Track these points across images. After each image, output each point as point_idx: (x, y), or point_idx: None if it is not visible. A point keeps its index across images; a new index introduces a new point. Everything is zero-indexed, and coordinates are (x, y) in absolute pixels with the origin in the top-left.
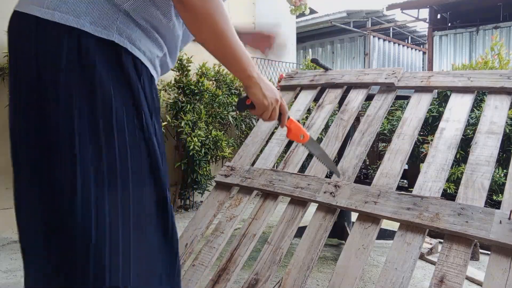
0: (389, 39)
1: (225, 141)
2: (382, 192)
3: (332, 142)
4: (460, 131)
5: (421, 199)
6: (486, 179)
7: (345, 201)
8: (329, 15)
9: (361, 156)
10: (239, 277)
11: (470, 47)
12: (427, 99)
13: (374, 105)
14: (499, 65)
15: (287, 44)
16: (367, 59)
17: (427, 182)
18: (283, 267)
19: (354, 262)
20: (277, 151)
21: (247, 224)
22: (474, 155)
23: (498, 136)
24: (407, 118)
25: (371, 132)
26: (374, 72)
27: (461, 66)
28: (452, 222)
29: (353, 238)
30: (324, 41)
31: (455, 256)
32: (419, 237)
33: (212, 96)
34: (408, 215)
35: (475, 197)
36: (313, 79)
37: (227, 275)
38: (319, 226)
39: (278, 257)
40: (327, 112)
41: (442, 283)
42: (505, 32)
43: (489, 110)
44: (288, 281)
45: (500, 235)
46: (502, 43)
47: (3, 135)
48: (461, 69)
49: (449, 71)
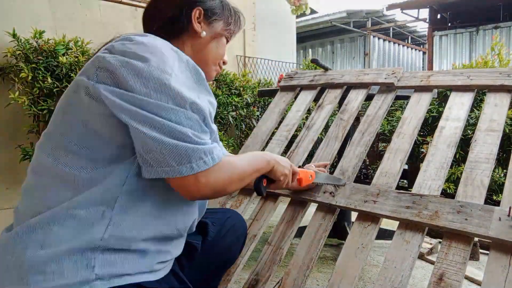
0: (389, 39)
1: (225, 141)
2: (381, 191)
3: (332, 142)
4: (459, 129)
5: (420, 197)
6: (486, 176)
7: (345, 201)
8: (329, 15)
9: (361, 156)
10: (239, 277)
11: (470, 47)
12: (426, 98)
13: (374, 105)
14: (499, 65)
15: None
16: (367, 59)
17: (426, 181)
18: (283, 267)
19: (353, 261)
20: (278, 151)
21: (248, 225)
22: (473, 152)
23: (498, 133)
24: (407, 117)
25: (371, 132)
26: (374, 72)
27: (461, 67)
28: (451, 220)
29: (352, 237)
30: (324, 41)
31: (455, 253)
32: (419, 236)
33: None
34: (407, 214)
35: (474, 195)
36: (312, 79)
37: (228, 276)
38: (319, 226)
39: (278, 257)
40: (327, 112)
41: (441, 281)
42: (505, 32)
43: (489, 108)
44: (288, 281)
45: (500, 232)
46: (503, 43)
47: (3, 135)
48: (461, 69)
49: (449, 70)
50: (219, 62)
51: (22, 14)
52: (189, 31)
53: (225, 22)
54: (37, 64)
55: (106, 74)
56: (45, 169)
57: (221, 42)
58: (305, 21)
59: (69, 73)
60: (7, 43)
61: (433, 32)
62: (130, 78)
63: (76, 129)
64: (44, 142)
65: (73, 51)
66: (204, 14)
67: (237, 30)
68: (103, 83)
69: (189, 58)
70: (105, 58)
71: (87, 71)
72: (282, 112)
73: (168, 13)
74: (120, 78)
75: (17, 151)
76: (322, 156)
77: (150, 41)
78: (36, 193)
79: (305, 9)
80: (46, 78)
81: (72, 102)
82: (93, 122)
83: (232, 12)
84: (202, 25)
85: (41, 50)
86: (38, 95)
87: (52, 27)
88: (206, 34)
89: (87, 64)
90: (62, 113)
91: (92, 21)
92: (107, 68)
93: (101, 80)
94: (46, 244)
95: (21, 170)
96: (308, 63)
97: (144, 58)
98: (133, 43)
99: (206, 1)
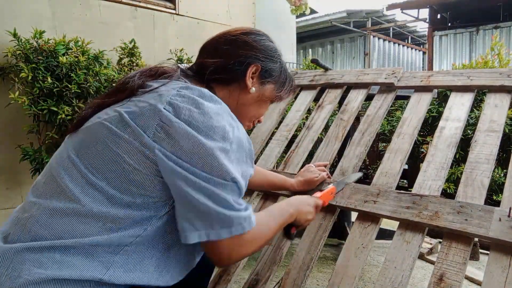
0: (389, 39)
1: None
2: (381, 191)
3: (332, 142)
4: (460, 129)
5: (421, 197)
6: (486, 177)
7: (345, 201)
8: (329, 15)
9: (361, 156)
10: (239, 277)
11: (470, 47)
12: (427, 98)
13: (374, 105)
14: (499, 65)
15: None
16: (367, 59)
17: (426, 181)
18: (283, 267)
19: (353, 261)
20: (278, 151)
21: None
22: (473, 153)
23: (498, 134)
24: (407, 117)
25: (371, 132)
26: (374, 72)
27: (461, 66)
28: (452, 220)
29: (352, 237)
30: (324, 41)
31: (455, 254)
32: (419, 236)
33: None
34: (408, 214)
35: (474, 195)
36: (313, 79)
37: (228, 276)
38: (319, 226)
39: (278, 257)
40: (327, 112)
41: (442, 281)
42: (505, 32)
43: (489, 108)
44: (288, 281)
45: (500, 232)
46: (502, 43)
47: (4, 135)
48: (461, 69)
49: (449, 70)
50: (255, 120)
51: (22, 14)
52: (240, 84)
53: (277, 86)
54: (37, 64)
55: (166, 138)
56: (66, 197)
57: (265, 104)
58: (305, 21)
59: (69, 73)
60: (7, 43)
61: (433, 32)
62: (190, 151)
63: (114, 170)
64: (71, 168)
65: (73, 51)
66: (260, 72)
67: (285, 97)
68: (161, 145)
69: (248, 137)
70: (172, 123)
71: (145, 122)
72: (282, 112)
73: (228, 60)
74: (180, 147)
75: (17, 151)
76: (322, 156)
77: (215, 114)
78: (45, 216)
79: (305, 9)
80: (46, 78)
81: (116, 141)
82: (134, 173)
83: (287, 79)
84: (254, 81)
85: (41, 50)
86: (38, 95)
87: (52, 27)
88: (255, 91)
89: (144, 110)
90: (100, 144)
91: (92, 21)
92: (170, 134)
93: (159, 141)
94: (44, 267)
95: (21, 170)
96: (308, 63)
97: (209, 135)
98: (199, 112)
99: (267, 62)
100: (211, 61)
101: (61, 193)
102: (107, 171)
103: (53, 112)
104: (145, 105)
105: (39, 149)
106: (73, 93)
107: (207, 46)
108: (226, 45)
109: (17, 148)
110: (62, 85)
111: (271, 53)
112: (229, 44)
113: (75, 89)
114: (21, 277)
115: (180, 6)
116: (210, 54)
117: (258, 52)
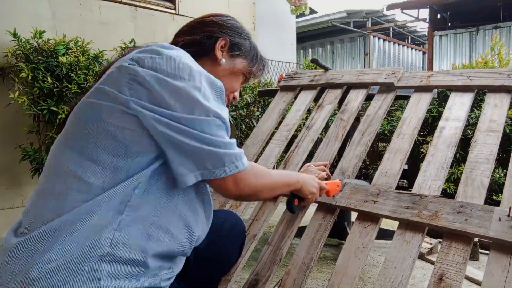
0: (389, 39)
1: None
2: (381, 191)
3: (332, 142)
4: (459, 129)
5: (420, 197)
6: (486, 176)
7: (345, 201)
8: (329, 15)
9: (361, 156)
10: (239, 277)
11: (470, 47)
12: (426, 98)
13: (374, 105)
14: (499, 65)
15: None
16: (367, 59)
17: (426, 181)
18: (283, 267)
19: (353, 261)
20: (278, 151)
21: (248, 225)
22: (473, 153)
23: (498, 134)
24: (407, 117)
25: (371, 132)
26: (373, 72)
27: (461, 66)
28: (451, 220)
29: (352, 238)
30: (324, 41)
31: (455, 254)
32: (419, 236)
33: None
34: (407, 214)
35: (474, 195)
36: (312, 79)
37: (228, 276)
38: (319, 226)
39: (278, 257)
40: (327, 112)
41: (441, 281)
42: (505, 32)
43: (489, 108)
44: (288, 281)
45: (500, 232)
46: (502, 43)
47: (4, 135)
48: (461, 69)
49: (449, 70)
50: (229, 94)
51: (22, 14)
52: (211, 56)
53: (248, 62)
54: (37, 64)
55: (140, 90)
56: (64, 174)
57: (238, 78)
58: (305, 21)
59: (69, 73)
60: (7, 43)
61: (433, 32)
62: (166, 96)
63: (102, 137)
64: (63, 147)
65: (73, 51)
66: (230, 46)
67: (258, 74)
68: (138, 98)
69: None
70: (138, 72)
71: (116, 82)
72: (282, 112)
73: (199, 34)
74: (155, 95)
75: (17, 151)
76: (322, 156)
77: (177, 56)
78: (50, 199)
79: (305, 9)
80: (46, 78)
81: (97, 111)
82: (120, 132)
83: (258, 56)
84: (224, 54)
85: (41, 50)
86: (38, 95)
87: (52, 27)
88: (225, 63)
89: (112, 73)
90: (84, 121)
91: (92, 21)
92: (142, 84)
93: (135, 94)
94: (54, 253)
95: (21, 170)
96: (308, 63)
97: (176, 76)
98: (161, 57)
99: (235, 36)
100: (182, 38)
101: (62, 175)
102: (97, 140)
103: (53, 112)
104: (112, 70)
105: (39, 149)
106: (73, 93)
107: (181, 29)
108: (196, 24)
109: (17, 148)
110: (62, 85)
111: (238, 30)
112: (199, 23)
113: (75, 89)
114: (33, 268)
115: (180, 6)
116: (182, 33)
117: (225, 28)
